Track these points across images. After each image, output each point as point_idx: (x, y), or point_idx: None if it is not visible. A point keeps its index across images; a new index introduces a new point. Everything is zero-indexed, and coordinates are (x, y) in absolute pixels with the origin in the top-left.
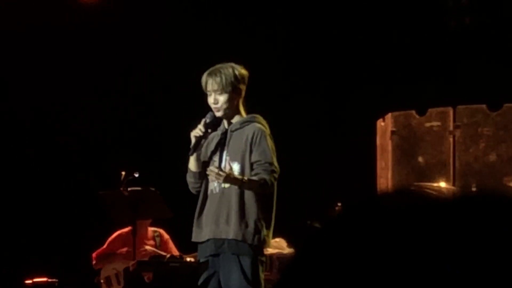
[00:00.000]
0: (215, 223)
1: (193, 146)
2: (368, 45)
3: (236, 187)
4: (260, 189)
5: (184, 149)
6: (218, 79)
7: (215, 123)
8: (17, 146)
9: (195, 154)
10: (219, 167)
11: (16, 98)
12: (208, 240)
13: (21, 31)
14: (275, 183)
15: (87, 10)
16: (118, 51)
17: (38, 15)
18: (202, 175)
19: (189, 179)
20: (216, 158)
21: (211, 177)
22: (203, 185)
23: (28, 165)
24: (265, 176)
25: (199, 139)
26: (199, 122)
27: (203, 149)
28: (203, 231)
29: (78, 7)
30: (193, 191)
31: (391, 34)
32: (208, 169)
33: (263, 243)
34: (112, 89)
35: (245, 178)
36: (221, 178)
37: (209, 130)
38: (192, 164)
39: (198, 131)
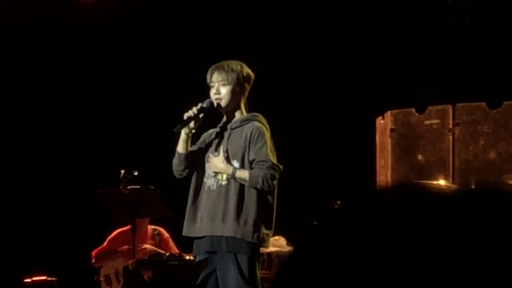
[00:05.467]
0: (212, 220)
1: (180, 123)
2: (367, 43)
3: (233, 184)
4: (252, 184)
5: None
6: (225, 71)
7: (210, 111)
8: (16, 144)
9: (184, 135)
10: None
11: (16, 96)
12: (203, 236)
13: (23, 28)
14: (275, 181)
15: (87, 9)
16: (118, 50)
17: (40, 14)
18: (188, 159)
19: (174, 161)
20: (215, 155)
21: (209, 168)
22: (197, 180)
23: (27, 164)
24: (260, 172)
25: (188, 119)
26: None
27: (200, 144)
28: (197, 226)
29: (79, 6)
30: (176, 174)
31: (390, 32)
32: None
33: (262, 241)
34: (112, 87)
35: (239, 170)
36: (214, 164)
37: (201, 115)
38: (179, 145)
39: (191, 112)
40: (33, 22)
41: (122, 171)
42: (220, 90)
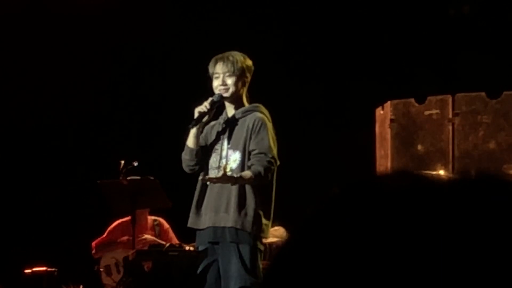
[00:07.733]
0: (215, 211)
1: (195, 119)
2: (367, 33)
3: (235, 175)
4: (256, 181)
5: (183, 138)
6: (230, 62)
7: (220, 105)
8: (15, 136)
9: (195, 130)
10: (210, 176)
11: (14, 88)
12: (207, 227)
13: (22, 22)
14: (273, 173)
15: (86, 3)
16: (117, 42)
17: (36, 7)
18: (199, 154)
19: (185, 156)
20: (218, 146)
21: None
22: (204, 173)
23: (27, 155)
24: (259, 167)
25: (202, 115)
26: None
27: (203, 136)
28: (202, 218)
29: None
30: (187, 169)
31: (390, 23)
32: (201, 179)
33: (262, 232)
34: (111, 78)
35: (241, 175)
36: (217, 181)
37: (214, 110)
38: (190, 141)
39: (203, 107)
40: (31, 17)
41: (122, 162)
42: (226, 81)
